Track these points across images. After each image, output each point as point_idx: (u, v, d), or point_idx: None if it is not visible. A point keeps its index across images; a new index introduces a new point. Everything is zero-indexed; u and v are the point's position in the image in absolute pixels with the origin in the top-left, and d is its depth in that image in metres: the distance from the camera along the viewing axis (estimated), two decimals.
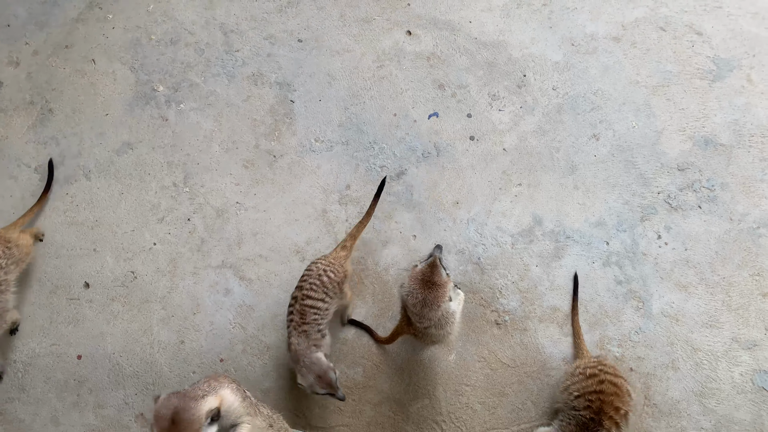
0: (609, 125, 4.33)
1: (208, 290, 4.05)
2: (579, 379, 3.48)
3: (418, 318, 3.23)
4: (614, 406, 3.36)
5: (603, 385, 3.40)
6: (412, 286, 3.18)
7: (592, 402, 3.40)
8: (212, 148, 4.34)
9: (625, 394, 3.42)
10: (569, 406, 3.51)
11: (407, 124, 4.35)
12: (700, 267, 3.98)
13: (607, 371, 3.45)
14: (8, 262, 3.69)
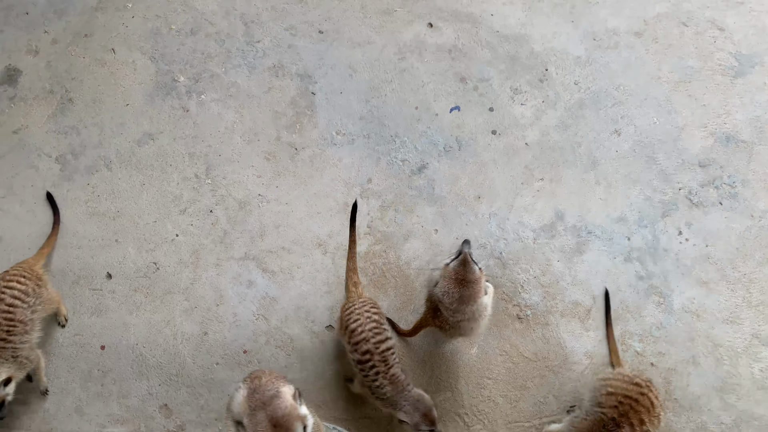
0: (630, 121, 4.34)
1: (231, 282, 4.06)
2: (621, 380, 3.49)
3: (453, 313, 3.25)
4: (640, 417, 3.39)
5: (642, 397, 3.41)
6: (447, 286, 3.20)
7: (621, 404, 3.42)
8: (234, 139, 4.33)
9: (656, 417, 3.43)
10: (594, 401, 3.54)
11: (429, 118, 4.35)
12: (721, 263, 4.01)
13: (652, 390, 3.46)
14: (36, 302, 3.60)
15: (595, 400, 3.55)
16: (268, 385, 2.57)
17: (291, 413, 2.45)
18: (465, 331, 3.44)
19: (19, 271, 3.63)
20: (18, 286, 3.53)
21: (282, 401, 2.49)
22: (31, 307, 3.56)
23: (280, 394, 2.51)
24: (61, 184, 4.24)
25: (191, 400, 3.89)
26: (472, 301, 3.19)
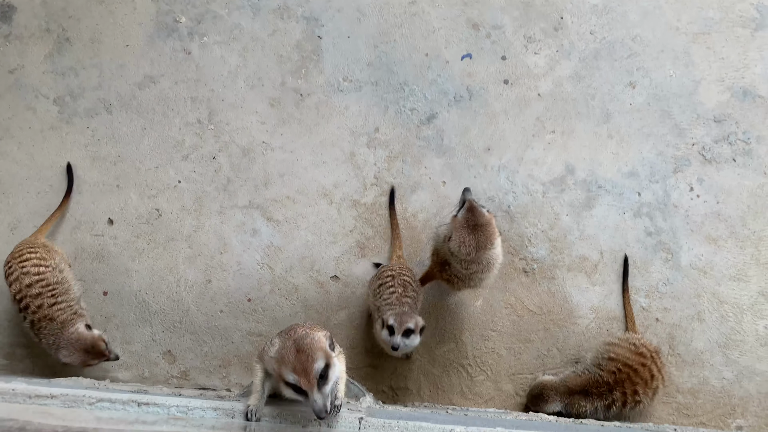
0: (646, 73, 4.22)
1: (234, 230, 4.01)
2: (626, 348, 3.52)
3: (468, 264, 3.21)
4: (635, 388, 3.43)
5: (642, 368, 3.44)
6: (460, 236, 3.15)
7: (620, 371, 3.45)
8: (237, 84, 4.20)
9: (651, 389, 3.47)
10: (594, 362, 3.57)
11: (439, 65, 4.22)
12: (731, 220, 3.97)
13: (656, 362, 3.49)
14: (55, 262, 3.59)
15: (596, 361, 3.59)
16: (301, 329, 2.61)
17: (316, 344, 2.50)
18: (476, 282, 3.41)
19: (23, 246, 3.62)
20: (31, 255, 3.53)
21: (311, 336, 2.55)
22: (56, 267, 3.57)
23: (312, 333, 2.58)
24: (59, 126, 4.12)
25: (195, 347, 3.89)
26: (489, 244, 3.15)
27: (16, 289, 3.46)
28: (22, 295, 3.45)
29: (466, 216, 3.15)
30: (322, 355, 2.47)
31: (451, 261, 3.30)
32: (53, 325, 3.46)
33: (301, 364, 2.41)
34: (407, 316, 3.30)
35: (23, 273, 3.47)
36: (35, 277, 3.47)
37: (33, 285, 3.45)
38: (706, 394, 3.78)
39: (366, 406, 3.09)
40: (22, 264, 3.50)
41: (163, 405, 2.65)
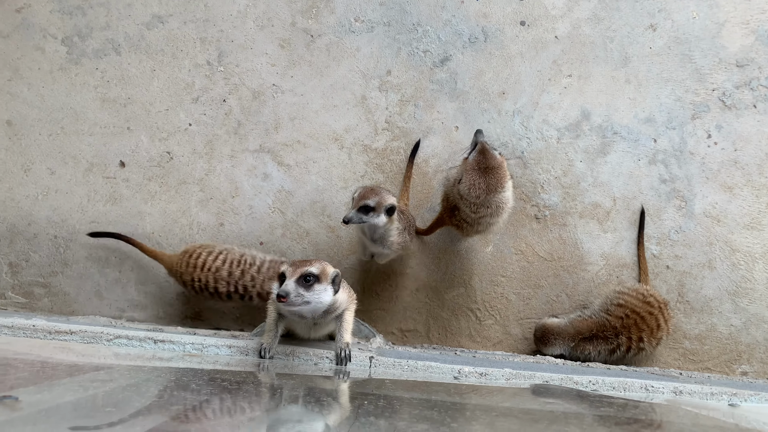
0: (668, 15, 4.07)
1: (246, 174, 4.00)
2: (634, 296, 3.56)
3: (477, 208, 3.20)
4: (640, 335, 3.49)
5: (649, 317, 3.50)
6: (471, 179, 3.12)
7: (627, 317, 3.51)
8: (246, 24, 4.11)
9: (655, 337, 3.53)
10: (604, 307, 3.61)
11: (454, 5, 4.09)
12: (748, 168, 3.91)
13: (663, 313, 3.54)
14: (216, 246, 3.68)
15: (605, 306, 3.63)
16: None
17: (319, 262, 2.68)
18: (485, 227, 3.41)
19: (191, 256, 3.65)
20: (204, 256, 3.61)
21: (318, 259, 2.73)
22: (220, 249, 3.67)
23: (319, 261, 2.72)
24: (68, 67, 4.08)
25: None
26: (500, 187, 3.13)
27: (228, 283, 3.53)
28: (236, 283, 3.52)
29: (478, 158, 3.12)
30: (318, 267, 2.63)
31: (460, 205, 3.29)
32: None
33: (297, 262, 2.64)
34: (371, 192, 3.17)
35: (216, 271, 3.53)
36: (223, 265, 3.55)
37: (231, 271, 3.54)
38: (713, 341, 3.82)
39: (376, 347, 3.15)
40: (206, 266, 3.55)
41: (178, 342, 2.72)
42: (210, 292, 3.54)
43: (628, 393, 2.70)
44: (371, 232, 3.28)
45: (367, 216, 3.15)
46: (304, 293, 2.56)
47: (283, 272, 2.60)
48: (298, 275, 2.55)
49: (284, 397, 2.11)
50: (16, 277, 3.99)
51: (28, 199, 4.01)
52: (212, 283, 3.51)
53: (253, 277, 3.51)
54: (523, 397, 2.41)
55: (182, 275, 3.58)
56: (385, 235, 3.30)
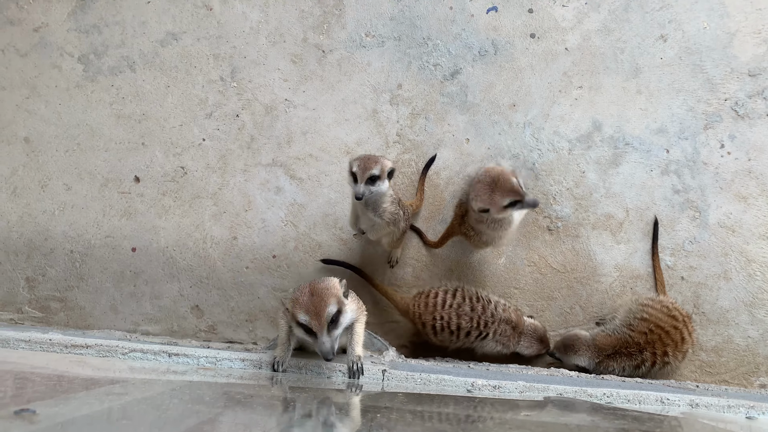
0: (678, 25, 4.07)
1: (259, 188, 4.04)
2: (659, 309, 3.51)
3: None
4: (665, 349, 3.45)
5: (674, 331, 3.45)
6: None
7: (651, 332, 3.46)
8: (259, 40, 4.17)
9: (681, 352, 3.49)
10: (626, 322, 3.56)
11: (464, 19, 4.12)
12: (763, 178, 3.87)
13: (688, 326, 3.51)
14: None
15: (627, 321, 3.57)
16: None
17: (330, 290, 2.62)
18: (489, 240, 3.42)
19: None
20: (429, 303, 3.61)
21: (326, 281, 2.68)
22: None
23: (326, 278, 2.71)
24: (84, 85, 4.16)
25: (222, 301, 3.98)
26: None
27: (471, 318, 3.53)
28: (478, 318, 3.53)
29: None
30: (334, 301, 2.57)
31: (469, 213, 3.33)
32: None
33: (314, 306, 2.53)
34: (371, 161, 3.14)
35: (458, 307, 3.54)
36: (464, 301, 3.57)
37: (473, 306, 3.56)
38: (730, 353, 3.77)
39: (389, 360, 3.15)
40: (446, 303, 3.56)
41: (192, 356, 2.73)
42: (451, 330, 3.52)
43: (643, 406, 2.67)
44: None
45: (375, 186, 3.13)
46: (332, 332, 2.56)
47: (309, 326, 2.56)
48: (326, 324, 2.54)
49: (297, 411, 2.12)
50: (33, 292, 4.04)
51: (45, 215, 4.07)
52: (455, 320, 3.50)
53: (492, 314, 3.52)
54: (537, 410, 2.39)
55: (421, 315, 3.57)
56: (379, 201, 3.27)
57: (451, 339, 3.54)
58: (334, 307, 2.54)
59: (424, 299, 3.56)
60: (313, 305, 2.53)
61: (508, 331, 3.55)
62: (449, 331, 3.50)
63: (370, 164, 3.11)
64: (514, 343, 3.60)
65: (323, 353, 2.49)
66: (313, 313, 2.51)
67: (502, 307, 3.58)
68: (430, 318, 3.52)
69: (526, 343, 3.63)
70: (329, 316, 2.52)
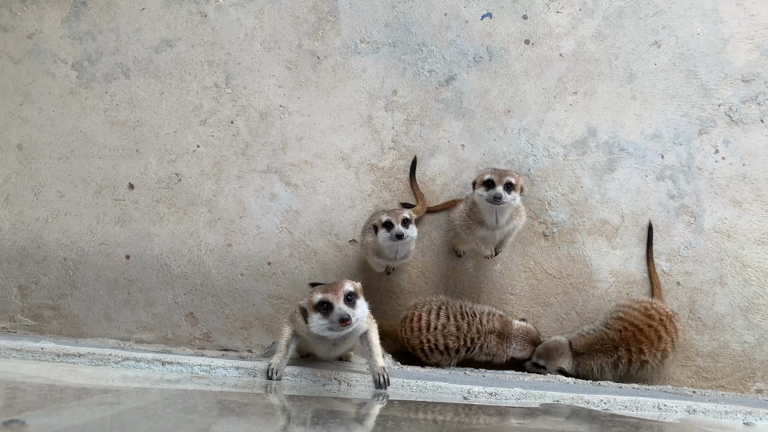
0: (672, 31, 4.08)
1: (253, 194, 4.02)
2: (636, 309, 3.53)
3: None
4: (640, 347, 3.45)
5: (648, 329, 3.46)
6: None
7: (625, 329, 3.48)
8: (254, 47, 4.16)
9: (659, 351, 3.48)
10: (603, 321, 3.60)
11: (458, 25, 4.13)
12: (757, 183, 3.88)
13: (665, 324, 3.50)
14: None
15: (605, 320, 3.62)
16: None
17: (346, 281, 2.65)
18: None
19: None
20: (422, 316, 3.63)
21: (341, 280, 2.69)
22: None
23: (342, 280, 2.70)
24: (78, 91, 4.14)
25: (216, 309, 3.96)
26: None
27: (458, 338, 3.55)
28: (464, 336, 3.55)
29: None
30: (351, 284, 2.62)
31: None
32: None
33: (331, 287, 2.60)
34: (399, 211, 3.40)
35: (443, 328, 3.55)
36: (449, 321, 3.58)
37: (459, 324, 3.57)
38: (727, 358, 3.77)
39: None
40: (431, 326, 3.57)
41: (186, 364, 2.71)
42: (440, 351, 3.53)
43: (640, 412, 2.66)
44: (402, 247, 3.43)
45: (409, 229, 3.34)
46: (353, 311, 2.55)
47: (327, 299, 2.55)
48: (342, 297, 2.54)
49: (292, 420, 2.10)
50: (26, 300, 4.01)
51: (38, 222, 4.05)
52: (442, 341, 3.51)
53: (478, 330, 3.53)
54: (534, 418, 2.38)
55: (409, 340, 3.57)
56: (409, 244, 3.45)
57: (443, 358, 3.56)
58: (350, 287, 2.59)
59: (410, 324, 3.59)
60: (330, 287, 2.61)
61: (493, 341, 3.58)
62: (438, 351, 3.54)
63: (398, 212, 3.40)
64: (504, 350, 3.60)
65: (340, 316, 2.49)
66: (331, 290, 2.57)
67: (487, 317, 3.59)
68: (418, 342, 3.55)
69: (518, 347, 3.62)
70: (346, 292, 2.56)
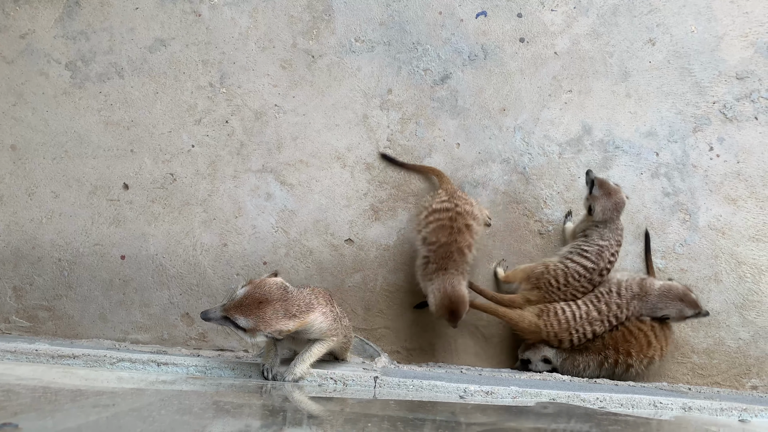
0: (666, 29, 4.09)
1: (249, 194, 4.01)
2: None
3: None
4: (628, 349, 3.47)
5: (638, 332, 3.48)
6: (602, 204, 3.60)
7: (616, 329, 3.49)
8: (248, 46, 4.15)
9: (646, 357, 3.48)
10: None
11: (453, 24, 4.12)
12: (752, 180, 3.89)
13: (655, 331, 3.51)
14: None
15: None
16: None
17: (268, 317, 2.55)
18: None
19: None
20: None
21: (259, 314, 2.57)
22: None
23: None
24: (72, 92, 4.12)
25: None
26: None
27: (602, 321, 3.56)
28: (607, 316, 3.55)
29: (602, 188, 3.56)
30: (244, 319, 2.51)
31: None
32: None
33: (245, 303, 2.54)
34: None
35: (587, 316, 3.55)
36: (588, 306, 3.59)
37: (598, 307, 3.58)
38: (722, 355, 3.78)
39: (381, 366, 3.13)
40: (576, 317, 3.56)
41: (181, 365, 2.71)
42: (588, 338, 3.52)
43: (636, 410, 2.67)
44: None
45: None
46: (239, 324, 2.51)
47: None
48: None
49: (287, 420, 2.10)
50: (21, 301, 3.99)
51: (32, 223, 4.03)
52: (589, 328, 3.50)
53: (618, 305, 3.51)
54: (529, 416, 2.38)
55: (557, 334, 3.53)
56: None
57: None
58: (242, 319, 2.50)
59: (554, 317, 3.53)
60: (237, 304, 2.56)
61: (637, 306, 3.52)
62: (587, 339, 3.53)
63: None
64: (650, 309, 3.55)
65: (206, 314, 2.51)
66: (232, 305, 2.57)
67: (625, 286, 3.55)
68: (567, 335, 3.52)
69: (663, 305, 3.53)
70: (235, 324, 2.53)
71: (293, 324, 2.51)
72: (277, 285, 2.56)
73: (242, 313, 2.44)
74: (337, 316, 2.81)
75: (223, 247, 3.98)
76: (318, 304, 2.66)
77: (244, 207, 4.01)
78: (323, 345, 2.72)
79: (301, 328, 2.56)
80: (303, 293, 2.64)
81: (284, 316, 2.49)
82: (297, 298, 2.58)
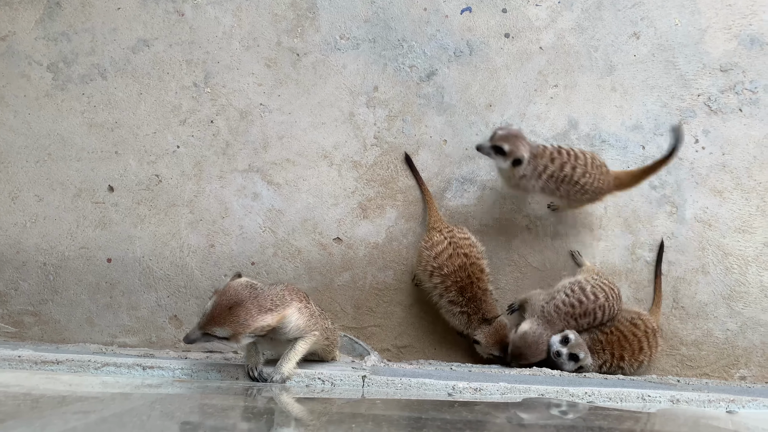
0: (651, 23, 4.09)
1: (235, 194, 3.99)
2: (624, 316, 3.56)
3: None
4: (622, 353, 3.49)
5: (632, 337, 3.50)
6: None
7: (611, 333, 3.50)
8: (232, 45, 4.12)
9: (637, 361, 3.51)
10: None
11: (438, 20, 4.11)
12: (737, 172, 3.91)
13: (648, 337, 3.52)
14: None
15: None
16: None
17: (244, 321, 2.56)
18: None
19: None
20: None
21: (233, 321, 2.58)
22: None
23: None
24: (54, 93, 4.07)
25: (200, 311, 3.86)
26: None
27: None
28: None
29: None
30: (221, 329, 2.54)
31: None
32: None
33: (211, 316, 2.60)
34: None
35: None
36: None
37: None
38: (710, 346, 3.80)
39: (370, 365, 3.12)
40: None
41: (167, 368, 2.68)
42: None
43: (624, 404, 2.67)
44: None
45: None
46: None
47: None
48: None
49: (275, 422, 2.08)
50: (5, 306, 3.95)
51: (16, 227, 3.98)
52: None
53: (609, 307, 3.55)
54: (516, 412, 2.38)
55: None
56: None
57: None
58: (220, 331, 2.53)
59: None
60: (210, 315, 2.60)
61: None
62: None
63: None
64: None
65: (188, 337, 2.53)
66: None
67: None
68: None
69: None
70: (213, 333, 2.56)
71: (271, 318, 2.50)
72: (242, 285, 2.56)
73: (217, 323, 2.45)
74: (313, 313, 2.80)
75: (211, 248, 3.95)
76: (293, 300, 2.66)
77: (230, 207, 3.98)
78: (306, 342, 2.71)
79: (280, 324, 2.55)
80: (275, 289, 2.66)
81: (259, 312, 2.48)
82: (268, 293, 2.59)
